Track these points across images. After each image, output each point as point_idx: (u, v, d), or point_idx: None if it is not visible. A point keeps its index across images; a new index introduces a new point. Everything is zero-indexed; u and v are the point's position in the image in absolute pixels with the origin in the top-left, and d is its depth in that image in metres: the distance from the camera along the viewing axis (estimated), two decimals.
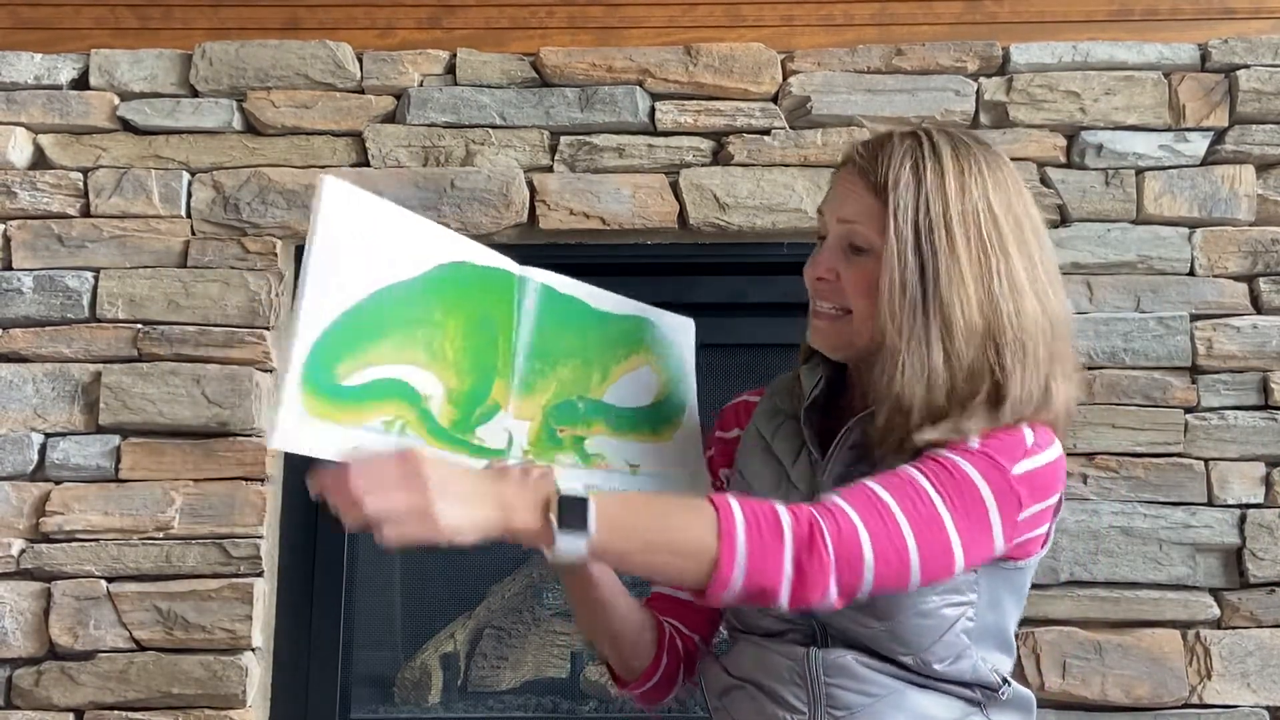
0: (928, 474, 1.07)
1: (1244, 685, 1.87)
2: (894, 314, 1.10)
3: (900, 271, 1.10)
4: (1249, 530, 1.90)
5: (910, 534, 1.03)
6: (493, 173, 2.01)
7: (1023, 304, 1.11)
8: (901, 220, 1.11)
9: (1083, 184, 2.00)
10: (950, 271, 1.10)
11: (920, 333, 1.10)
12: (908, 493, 1.05)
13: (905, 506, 1.04)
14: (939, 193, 1.12)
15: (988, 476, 1.07)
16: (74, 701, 1.87)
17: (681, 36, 2.08)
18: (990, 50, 2.04)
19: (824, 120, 2.03)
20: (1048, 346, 1.12)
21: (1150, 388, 1.94)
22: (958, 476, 1.07)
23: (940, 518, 1.05)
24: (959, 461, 1.08)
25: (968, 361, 1.09)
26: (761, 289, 2.02)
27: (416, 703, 2.12)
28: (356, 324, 1.05)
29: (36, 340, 1.97)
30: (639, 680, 1.26)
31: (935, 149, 1.14)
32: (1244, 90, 2.01)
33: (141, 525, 1.91)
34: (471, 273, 1.15)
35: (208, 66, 2.04)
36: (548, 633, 2.18)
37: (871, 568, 1.01)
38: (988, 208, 1.12)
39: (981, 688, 1.16)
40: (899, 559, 1.02)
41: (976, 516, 1.06)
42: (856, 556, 1.00)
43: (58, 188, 2.02)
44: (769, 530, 0.99)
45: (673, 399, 1.29)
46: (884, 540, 1.02)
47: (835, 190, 1.20)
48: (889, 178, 1.13)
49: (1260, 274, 1.98)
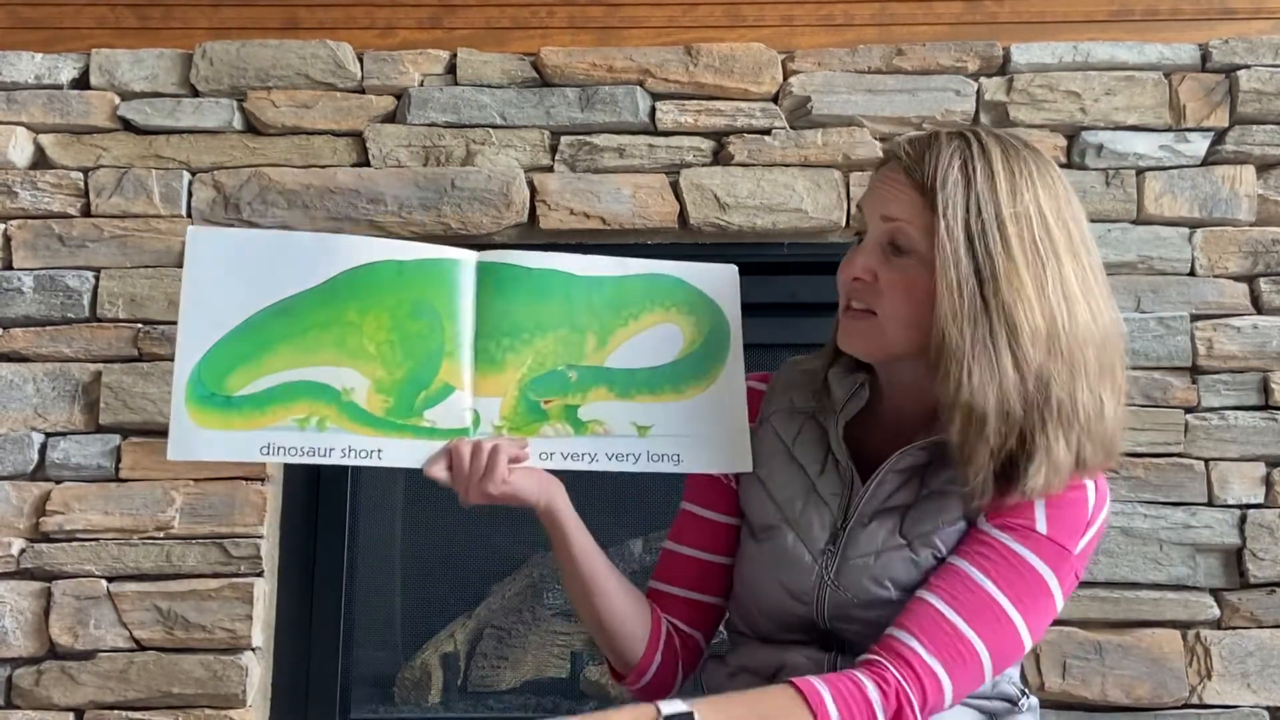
0: (996, 579, 1.08)
1: (1244, 685, 1.87)
2: (954, 317, 1.06)
3: (955, 273, 1.06)
4: (1249, 530, 1.90)
5: (986, 653, 1.07)
6: (493, 173, 2.01)
7: (1076, 311, 1.08)
8: (951, 220, 1.07)
9: (1083, 184, 2.00)
10: (1009, 275, 1.06)
11: (985, 336, 1.06)
12: (984, 615, 1.07)
13: (983, 632, 1.07)
14: (990, 194, 1.08)
15: (1052, 564, 1.10)
16: (74, 701, 1.87)
17: (682, 36, 2.08)
18: (991, 50, 2.04)
19: (824, 120, 2.03)
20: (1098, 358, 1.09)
21: (1151, 388, 1.94)
22: (1025, 574, 1.09)
23: (1013, 624, 1.08)
24: (1022, 554, 1.09)
25: (1035, 367, 1.06)
26: (762, 289, 2.01)
27: (417, 702, 2.12)
28: (241, 341, 1.18)
29: (37, 340, 1.97)
30: (634, 674, 1.24)
31: (985, 150, 1.10)
32: (1244, 90, 2.01)
33: (142, 525, 1.91)
34: (397, 269, 1.22)
35: (208, 66, 2.04)
36: (548, 633, 2.18)
37: (951, 698, 1.07)
38: (1039, 211, 1.09)
39: (1002, 700, 1.17)
40: (975, 678, 1.08)
41: (1043, 605, 1.10)
42: (939, 705, 1.06)
43: (58, 187, 2.02)
44: (860, 710, 1.02)
45: (703, 353, 1.27)
46: (963, 674, 1.07)
47: (878, 187, 1.15)
48: (937, 176, 1.08)
49: (1260, 274, 1.98)
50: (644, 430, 1.24)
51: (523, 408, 1.22)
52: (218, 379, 1.17)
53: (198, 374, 1.17)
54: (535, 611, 2.19)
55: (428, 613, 2.18)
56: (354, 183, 2.01)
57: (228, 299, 1.19)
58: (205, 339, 1.18)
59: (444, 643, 2.15)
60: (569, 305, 1.25)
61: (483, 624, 2.18)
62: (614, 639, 1.23)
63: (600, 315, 1.26)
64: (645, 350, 1.26)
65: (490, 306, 1.23)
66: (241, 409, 1.17)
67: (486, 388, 1.22)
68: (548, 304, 1.25)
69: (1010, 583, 1.08)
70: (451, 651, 2.15)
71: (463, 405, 1.21)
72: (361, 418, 1.19)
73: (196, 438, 1.16)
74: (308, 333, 1.19)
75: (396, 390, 1.20)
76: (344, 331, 1.20)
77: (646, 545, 2.16)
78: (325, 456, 1.18)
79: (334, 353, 1.20)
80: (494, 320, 1.23)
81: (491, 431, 1.20)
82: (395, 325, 1.21)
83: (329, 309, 1.20)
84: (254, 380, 1.18)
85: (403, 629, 2.18)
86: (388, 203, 2.00)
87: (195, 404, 1.17)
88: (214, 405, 1.17)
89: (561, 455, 1.21)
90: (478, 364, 1.22)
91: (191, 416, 1.17)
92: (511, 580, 2.21)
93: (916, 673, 1.04)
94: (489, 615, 2.19)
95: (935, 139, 1.12)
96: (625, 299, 1.27)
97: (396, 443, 1.19)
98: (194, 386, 1.17)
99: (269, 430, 1.17)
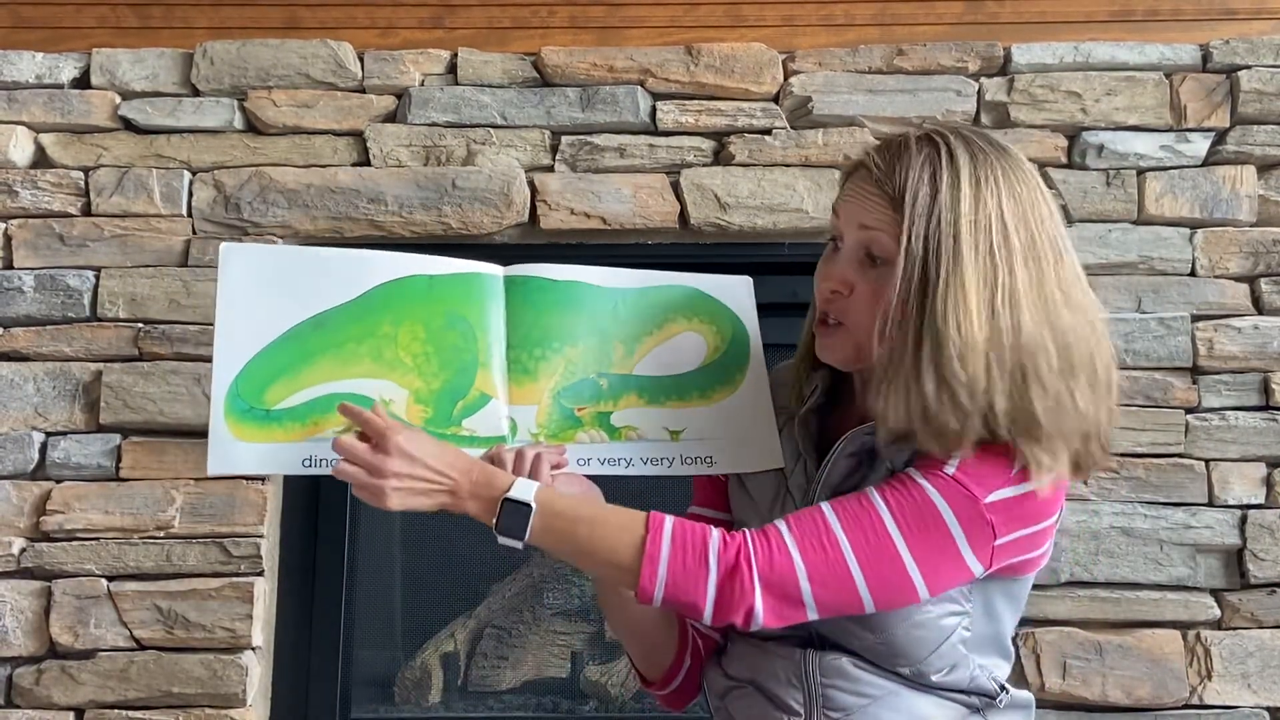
0: (889, 501, 1.07)
1: (1244, 686, 1.87)
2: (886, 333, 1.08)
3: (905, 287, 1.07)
4: (1250, 531, 1.90)
5: (855, 563, 1.05)
6: (494, 172, 2.01)
7: (1021, 319, 1.06)
8: (915, 234, 1.07)
9: (1084, 184, 2.00)
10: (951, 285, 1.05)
11: (909, 356, 1.06)
12: (861, 523, 1.06)
13: (854, 536, 1.06)
14: (953, 203, 1.07)
15: (954, 504, 1.06)
16: (74, 700, 1.87)
17: (683, 36, 2.08)
18: (991, 50, 2.04)
19: (825, 120, 2.03)
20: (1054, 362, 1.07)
21: (1151, 388, 1.94)
22: (920, 502, 1.06)
23: (891, 542, 1.06)
24: (925, 487, 1.07)
25: (967, 378, 1.04)
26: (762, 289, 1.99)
27: (417, 702, 2.12)
28: (279, 355, 1.20)
29: (37, 339, 1.97)
30: (663, 680, 1.26)
31: (953, 156, 1.10)
32: (1245, 91, 2.00)
33: (142, 524, 1.91)
34: (428, 284, 1.25)
35: (209, 66, 2.04)
36: (548, 633, 2.18)
37: (810, 594, 1.05)
38: (1000, 218, 1.08)
39: (980, 695, 1.16)
40: (841, 586, 1.05)
41: (938, 542, 1.06)
42: (791, 584, 1.05)
43: (59, 187, 2.02)
44: (694, 557, 1.05)
45: (725, 360, 1.32)
46: (822, 568, 1.05)
47: (851, 195, 1.15)
48: (906, 187, 1.08)
49: (1261, 275, 1.98)
50: (676, 434, 1.27)
51: (557, 415, 1.25)
52: (256, 393, 1.18)
53: (236, 388, 1.18)
54: (535, 611, 2.19)
55: (428, 612, 2.18)
56: (354, 182, 2.01)
57: (264, 314, 1.20)
58: (242, 353, 1.19)
59: (444, 642, 2.15)
60: (595, 316, 1.28)
61: (483, 624, 2.19)
62: (647, 647, 1.25)
63: (626, 325, 1.29)
64: (671, 358, 1.29)
65: (520, 318, 1.26)
66: (282, 422, 1.19)
67: (521, 396, 1.25)
68: (575, 315, 1.27)
69: (902, 509, 1.06)
70: (452, 651, 2.15)
71: (500, 414, 1.23)
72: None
73: (237, 451, 1.17)
74: (344, 345, 1.22)
75: (435, 400, 1.22)
76: (380, 344, 1.22)
77: None
78: None
79: (371, 365, 1.22)
80: (524, 331, 1.25)
81: (529, 439, 1.23)
82: (430, 337, 1.23)
83: (364, 322, 1.22)
84: (293, 394, 1.19)
85: (403, 629, 2.18)
86: (388, 202, 2.00)
87: (235, 418, 1.17)
88: (253, 419, 1.18)
89: (599, 461, 1.24)
90: (511, 373, 1.25)
91: (231, 430, 1.17)
92: (512, 580, 2.21)
93: (768, 541, 1.06)
94: (489, 615, 2.19)
95: (905, 147, 1.12)
96: (648, 309, 1.30)
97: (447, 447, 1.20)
98: (232, 400, 1.18)
99: (310, 443, 1.18)
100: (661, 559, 1.05)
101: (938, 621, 1.12)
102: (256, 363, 1.19)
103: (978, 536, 1.06)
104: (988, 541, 1.07)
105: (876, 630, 1.11)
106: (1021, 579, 1.17)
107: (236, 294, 1.20)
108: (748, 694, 1.19)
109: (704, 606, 1.05)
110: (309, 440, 1.18)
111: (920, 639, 1.11)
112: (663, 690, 1.27)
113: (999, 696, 1.17)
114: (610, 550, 1.07)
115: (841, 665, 1.14)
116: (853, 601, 1.06)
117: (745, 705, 1.19)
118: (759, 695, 1.18)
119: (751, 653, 1.21)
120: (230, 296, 1.20)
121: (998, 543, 1.07)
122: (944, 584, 1.08)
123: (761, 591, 1.04)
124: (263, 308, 1.20)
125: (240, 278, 1.21)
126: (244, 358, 1.19)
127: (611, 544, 1.07)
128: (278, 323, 1.20)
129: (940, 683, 1.13)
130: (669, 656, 1.26)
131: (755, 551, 1.05)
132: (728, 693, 1.22)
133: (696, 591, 1.04)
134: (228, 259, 1.22)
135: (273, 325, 1.20)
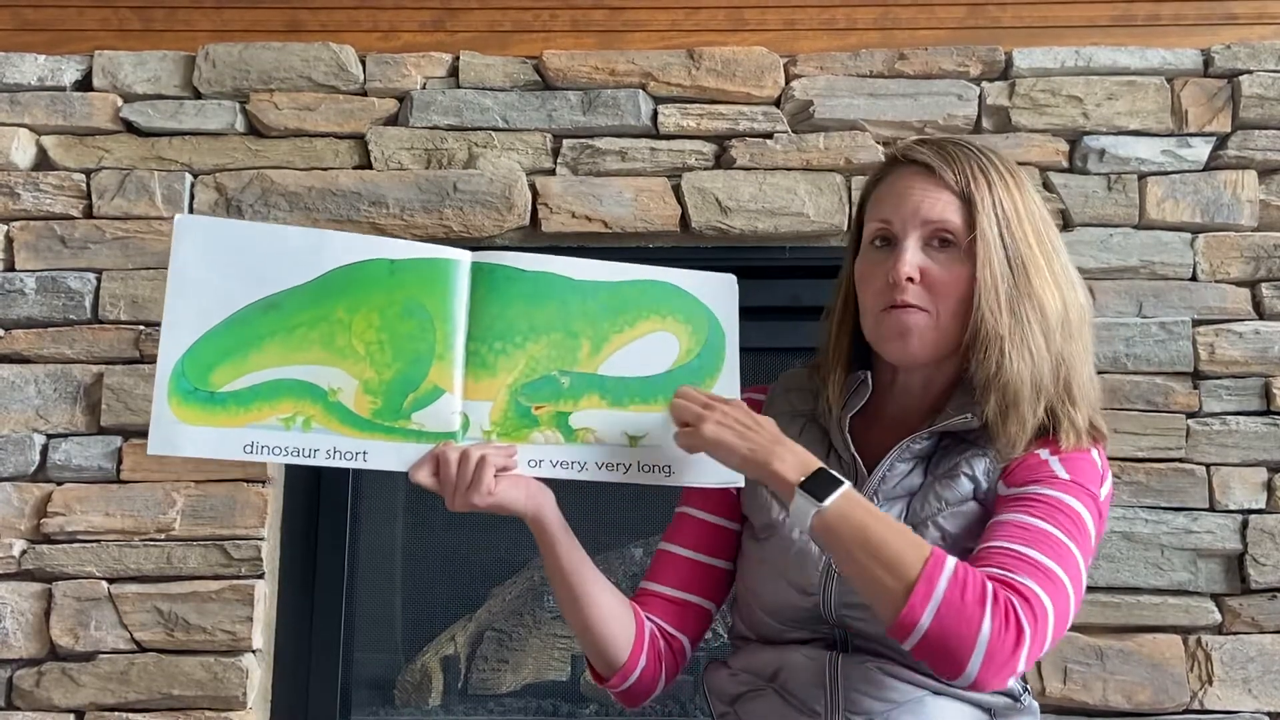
0: (1057, 525, 1.11)
1: (1245, 691, 1.86)
2: (995, 305, 1.15)
3: (995, 266, 1.15)
4: (1251, 536, 1.90)
5: (1072, 593, 1.09)
6: (495, 175, 2.01)
7: (1076, 296, 1.20)
8: (987, 217, 1.16)
9: (1085, 189, 2.00)
10: (1033, 262, 1.17)
11: (1023, 322, 1.15)
12: (1061, 552, 1.09)
13: (1068, 570, 1.09)
14: (1006, 194, 1.18)
15: (1085, 504, 1.13)
16: (75, 702, 1.87)
17: (684, 40, 2.08)
18: (993, 55, 2.04)
19: (826, 124, 2.03)
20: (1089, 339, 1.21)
21: (1152, 393, 1.94)
22: (1073, 516, 1.12)
23: (1073, 554, 1.10)
24: (1058, 496, 1.12)
25: (1058, 348, 1.16)
26: (763, 293, 2.01)
27: (417, 705, 2.12)
28: (227, 336, 1.17)
29: (39, 341, 1.97)
30: (617, 677, 1.24)
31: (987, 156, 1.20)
32: (1247, 95, 2.00)
33: (143, 526, 1.91)
34: (384, 267, 1.21)
35: (211, 68, 2.05)
36: (548, 635, 2.18)
37: (1052, 639, 1.07)
38: (1037, 209, 1.21)
39: (1004, 694, 1.17)
40: (1065, 610, 1.08)
41: (1085, 539, 1.13)
42: (1045, 636, 1.06)
43: (60, 189, 2.02)
44: (973, 592, 1.02)
45: (698, 364, 1.26)
46: (1063, 611, 1.07)
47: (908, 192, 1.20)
48: (968, 177, 1.18)
49: (1262, 279, 1.98)
50: (635, 440, 1.22)
51: (513, 413, 1.21)
52: (202, 374, 1.16)
53: (181, 368, 1.16)
54: (536, 614, 2.19)
55: (428, 615, 2.19)
56: (356, 185, 2.01)
57: (215, 291, 1.18)
58: (191, 332, 1.17)
59: (444, 645, 2.15)
60: (564, 310, 1.24)
61: (483, 626, 2.19)
62: (599, 643, 1.23)
63: (595, 321, 1.24)
64: (639, 358, 1.25)
65: (483, 309, 1.22)
66: (226, 405, 1.16)
67: (477, 391, 1.21)
68: (542, 308, 1.23)
69: (1054, 519, 1.11)
70: (452, 654, 2.15)
71: (452, 408, 1.20)
72: (348, 418, 1.18)
73: (179, 433, 1.15)
74: (295, 330, 1.19)
75: (384, 391, 1.19)
76: (333, 330, 1.19)
77: (647, 551, 2.15)
78: (310, 457, 1.17)
79: (322, 351, 1.19)
80: (486, 322, 1.22)
81: (481, 436, 1.20)
82: (385, 325, 1.20)
83: (318, 307, 1.19)
84: (239, 377, 1.17)
85: (403, 631, 2.18)
86: (389, 205, 2.00)
87: (178, 398, 1.15)
88: (197, 400, 1.16)
89: (551, 463, 1.20)
90: (469, 367, 1.21)
91: (174, 411, 1.15)
92: (512, 583, 2.21)
93: (1022, 594, 1.04)
94: (489, 618, 2.19)
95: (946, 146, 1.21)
96: (621, 305, 1.26)
97: (383, 445, 1.18)
98: (177, 380, 1.15)
99: (253, 428, 1.16)
100: (940, 580, 1.02)
101: None
102: (203, 343, 1.17)
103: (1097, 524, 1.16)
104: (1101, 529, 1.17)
105: None
106: None
107: (188, 269, 1.18)
108: (765, 696, 1.19)
109: (970, 652, 1.01)
110: (251, 426, 1.16)
111: None
112: (617, 688, 1.25)
113: (1021, 697, 1.18)
114: (897, 551, 1.04)
115: (867, 670, 1.14)
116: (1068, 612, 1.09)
117: (763, 709, 1.19)
118: (777, 697, 1.17)
119: (769, 655, 1.21)
120: (181, 271, 1.18)
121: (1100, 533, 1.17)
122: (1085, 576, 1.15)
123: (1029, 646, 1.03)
124: (213, 285, 1.18)
125: (192, 252, 1.18)
126: (191, 337, 1.17)
127: (899, 549, 1.04)
128: (228, 302, 1.18)
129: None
130: (624, 653, 1.23)
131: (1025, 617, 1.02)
132: (739, 698, 1.22)
133: (969, 629, 1.01)
134: (181, 231, 1.19)
135: (223, 304, 1.17)
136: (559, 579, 1.21)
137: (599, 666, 1.26)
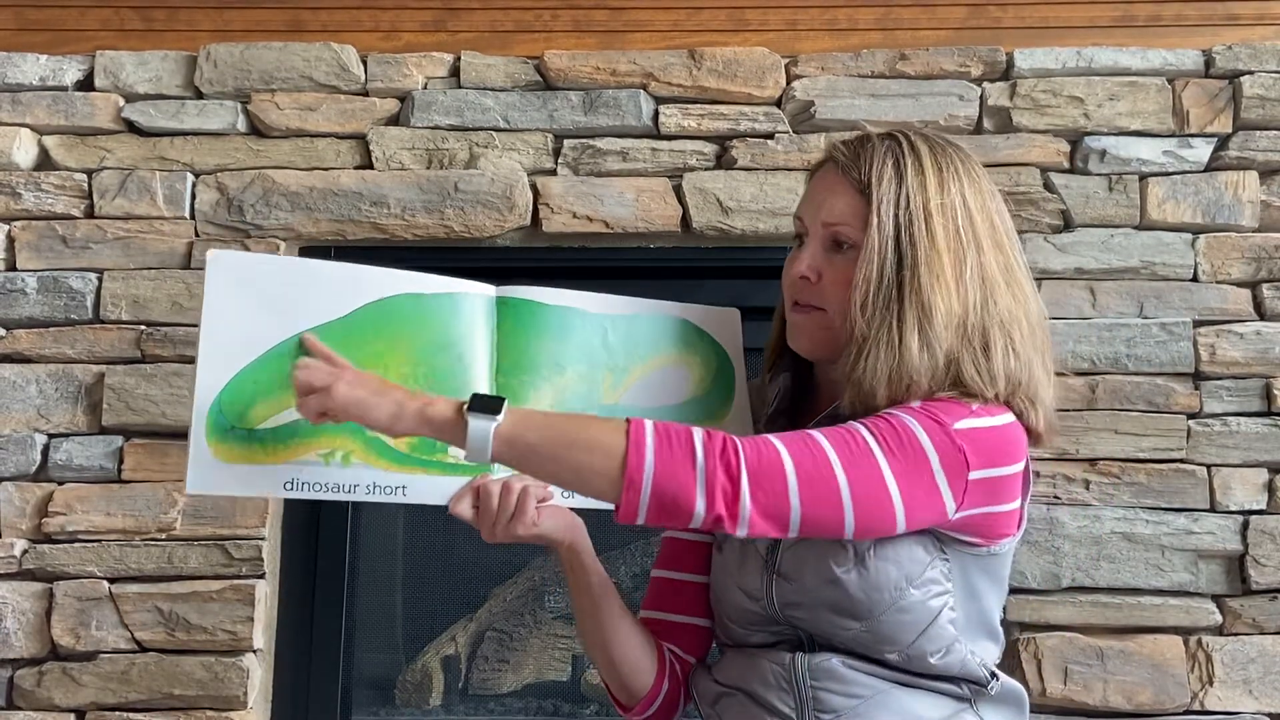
0: (866, 424, 1.10)
1: (1246, 692, 1.86)
2: (866, 304, 1.14)
3: (879, 263, 1.14)
4: (1251, 537, 1.90)
5: (840, 468, 1.05)
6: (496, 176, 2.01)
7: (995, 295, 1.15)
8: (884, 215, 1.15)
9: (1086, 189, 2.00)
10: (930, 261, 1.14)
11: (893, 321, 1.13)
12: (842, 435, 1.08)
13: (838, 446, 1.07)
14: (919, 188, 1.16)
15: (928, 429, 1.09)
16: (75, 702, 1.87)
17: (685, 40, 2.08)
18: (994, 55, 2.04)
19: (828, 124, 2.03)
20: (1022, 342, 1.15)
21: (1153, 393, 1.94)
22: (896, 426, 1.09)
23: (874, 459, 1.07)
24: (901, 415, 1.10)
25: (945, 347, 1.12)
26: (764, 293, 1.97)
27: (417, 705, 2.12)
28: (264, 372, 1.16)
29: (40, 341, 1.97)
30: (641, 705, 1.26)
31: (914, 147, 1.18)
32: (1248, 96, 2.00)
33: (144, 526, 1.91)
34: (418, 303, 1.22)
35: (212, 68, 2.05)
36: (549, 635, 2.18)
37: (796, 491, 1.04)
38: (964, 204, 1.17)
39: (970, 683, 1.17)
40: (827, 488, 1.05)
41: (917, 467, 1.08)
42: (778, 476, 1.04)
43: (62, 189, 2.02)
44: (679, 441, 1.03)
45: (710, 395, 1.31)
46: (809, 467, 1.04)
47: (816, 191, 1.23)
48: (872, 175, 1.17)
49: (1264, 280, 1.98)
50: None
51: None
52: (239, 412, 1.15)
53: (219, 405, 1.14)
54: (536, 614, 2.19)
55: (429, 615, 2.18)
56: (357, 185, 2.01)
57: (249, 328, 1.17)
58: (226, 370, 1.16)
59: (445, 645, 2.15)
60: (586, 343, 1.27)
61: (484, 627, 2.19)
62: (625, 672, 1.25)
63: (615, 354, 1.28)
64: (655, 391, 1.29)
65: (510, 343, 1.24)
66: (265, 443, 1.16)
67: None
68: (566, 342, 1.26)
69: (882, 433, 1.08)
70: (452, 654, 2.15)
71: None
72: (386, 453, 1.18)
73: (217, 472, 1.14)
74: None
75: None
76: (368, 365, 1.19)
77: (647, 550, 2.15)
78: (350, 493, 1.17)
79: None
80: (514, 356, 1.24)
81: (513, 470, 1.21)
82: (420, 360, 1.21)
83: (352, 343, 1.19)
84: (277, 414, 1.16)
85: (404, 631, 2.18)
86: (390, 205, 2.00)
87: (217, 437, 1.14)
88: (236, 439, 1.15)
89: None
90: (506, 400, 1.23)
91: (212, 450, 1.14)
92: (513, 583, 2.21)
93: (755, 439, 1.05)
94: (490, 618, 2.19)
95: (867, 140, 1.20)
96: (637, 339, 1.30)
97: (421, 479, 1.19)
98: (215, 418, 1.14)
99: (292, 465, 1.16)
100: (647, 439, 1.03)
101: (922, 604, 1.13)
102: (239, 380, 1.16)
103: (951, 464, 1.08)
104: (962, 472, 1.09)
105: (862, 617, 1.12)
106: (998, 555, 1.18)
107: (222, 305, 1.17)
108: (738, 701, 1.20)
109: (694, 495, 1.02)
110: (291, 463, 1.15)
111: (906, 623, 1.12)
112: (641, 715, 1.27)
113: (990, 684, 1.17)
114: (593, 433, 1.04)
115: (832, 666, 1.15)
116: (836, 508, 1.05)
117: (736, 711, 1.20)
118: (749, 701, 1.18)
119: (741, 660, 1.22)
120: (215, 307, 1.17)
121: (971, 476, 1.09)
122: (920, 513, 1.08)
123: (749, 483, 1.03)
124: (248, 321, 1.17)
125: (226, 288, 1.17)
126: (227, 374, 1.15)
127: (594, 427, 1.05)
128: (263, 339, 1.17)
129: (935, 667, 1.14)
130: (647, 681, 1.25)
131: (743, 444, 1.04)
132: (719, 699, 1.23)
133: (685, 477, 1.02)
134: (214, 267, 1.18)
135: (258, 341, 1.17)
136: (588, 608, 1.23)
137: (622, 696, 1.28)
